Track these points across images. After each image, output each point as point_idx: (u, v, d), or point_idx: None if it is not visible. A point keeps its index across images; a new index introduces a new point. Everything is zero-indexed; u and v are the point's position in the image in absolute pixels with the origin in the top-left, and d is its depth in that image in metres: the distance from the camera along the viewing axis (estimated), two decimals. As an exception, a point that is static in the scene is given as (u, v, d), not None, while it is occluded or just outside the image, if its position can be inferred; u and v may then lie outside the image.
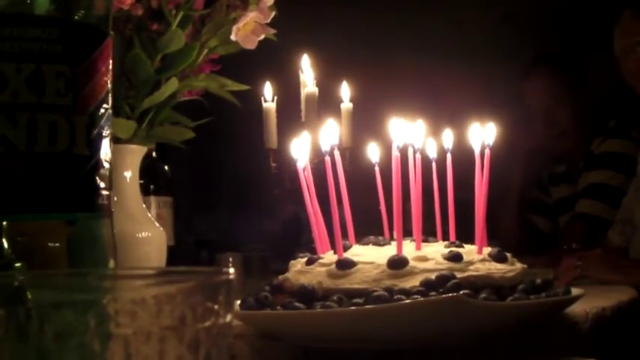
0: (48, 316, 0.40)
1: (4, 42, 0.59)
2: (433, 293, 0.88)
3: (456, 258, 0.94)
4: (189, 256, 2.35)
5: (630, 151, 2.53)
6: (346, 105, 1.67)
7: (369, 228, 1.11)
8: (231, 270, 0.44)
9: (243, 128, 2.20)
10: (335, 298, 0.90)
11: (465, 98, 2.99)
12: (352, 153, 1.65)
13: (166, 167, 1.90)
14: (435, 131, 1.13)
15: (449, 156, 1.09)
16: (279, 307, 0.93)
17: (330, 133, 1.06)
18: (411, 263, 0.93)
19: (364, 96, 1.79)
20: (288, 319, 0.92)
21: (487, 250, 1.00)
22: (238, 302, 0.97)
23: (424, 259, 0.95)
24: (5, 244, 0.59)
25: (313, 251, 1.05)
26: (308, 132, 1.13)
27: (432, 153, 1.12)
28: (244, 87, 1.25)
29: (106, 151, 0.64)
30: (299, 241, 1.76)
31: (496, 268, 0.95)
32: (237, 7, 1.16)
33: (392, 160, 1.01)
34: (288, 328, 0.93)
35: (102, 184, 0.63)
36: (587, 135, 2.69)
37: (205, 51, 1.18)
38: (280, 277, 1.01)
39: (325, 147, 1.05)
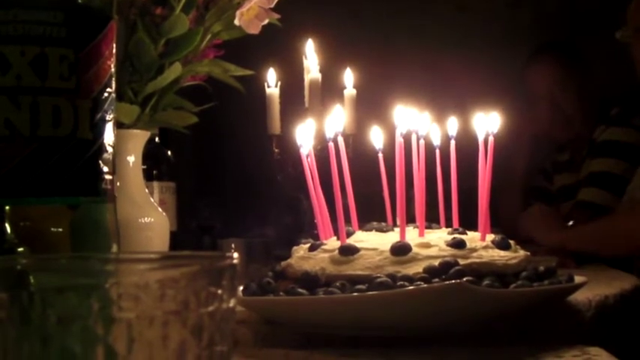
0: (51, 300, 0.40)
1: (7, 25, 0.59)
2: (436, 280, 0.88)
3: (459, 245, 0.94)
4: (191, 242, 2.35)
5: (632, 139, 2.53)
6: (350, 91, 1.67)
7: (372, 214, 1.11)
8: (235, 254, 0.44)
9: (247, 114, 2.20)
10: (338, 284, 0.90)
11: (468, 84, 2.99)
12: (355, 139, 1.65)
13: (169, 152, 1.90)
14: (439, 117, 1.12)
15: (453, 143, 1.09)
16: (281, 293, 0.93)
17: (337, 120, 1.05)
18: (414, 250, 0.93)
19: (368, 82, 1.79)
20: (291, 305, 0.92)
21: (490, 237, 1.00)
22: (241, 288, 0.97)
23: (427, 245, 0.94)
24: (8, 229, 0.59)
25: (316, 237, 1.05)
26: (311, 118, 1.13)
27: (436, 140, 1.11)
28: (248, 72, 1.25)
29: (109, 135, 0.64)
30: (302, 227, 1.76)
31: (499, 255, 0.95)
32: (241, -9, 1.15)
33: (395, 147, 1.01)
34: (290, 314, 0.94)
35: (105, 169, 0.63)
36: (591, 123, 2.69)
37: (209, 36, 1.18)
38: (283, 263, 1.01)
39: (329, 133, 1.04)
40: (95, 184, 0.63)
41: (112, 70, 0.64)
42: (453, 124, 1.11)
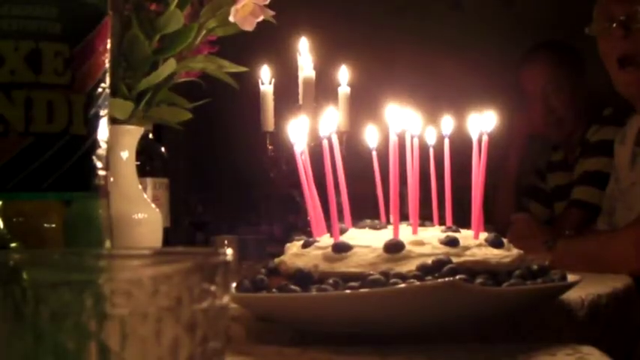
0: (44, 295, 0.40)
1: (2, 20, 0.59)
2: (429, 278, 0.88)
3: (452, 243, 0.94)
4: (184, 238, 2.36)
5: None
6: (344, 89, 1.67)
7: (366, 212, 1.11)
8: (229, 251, 0.44)
9: (241, 111, 2.20)
10: (331, 281, 0.90)
11: (463, 83, 2.99)
12: (349, 137, 1.65)
13: (163, 148, 1.89)
14: (433, 116, 1.12)
15: (446, 141, 1.09)
16: (274, 290, 0.93)
17: (330, 119, 1.05)
18: (408, 247, 0.93)
19: (362, 80, 1.79)
20: (284, 302, 0.91)
21: (484, 235, 1.00)
22: (234, 285, 0.97)
23: (420, 243, 0.94)
24: (1, 224, 0.59)
25: (309, 234, 1.05)
26: (305, 116, 1.13)
27: (430, 138, 1.11)
28: (242, 69, 1.25)
29: (103, 131, 0.63)
30: (295, 224, 1.76)
31: (492, 254, 0.95)
32: (236, -12, 1.15)
33: (389, 145, 1.01)
34: (283, 311, 0.93)
35: (98, 164, 0.63)
36: (584, 123, 2.69)
37: (204, 32, 1.17)
38: (276, 260, 1.01)
39: (323, 131, 1.04)
40: (88, 179, 0.62)
41: (107, 65, 0.64)
42: (447, 123, 1.11)
